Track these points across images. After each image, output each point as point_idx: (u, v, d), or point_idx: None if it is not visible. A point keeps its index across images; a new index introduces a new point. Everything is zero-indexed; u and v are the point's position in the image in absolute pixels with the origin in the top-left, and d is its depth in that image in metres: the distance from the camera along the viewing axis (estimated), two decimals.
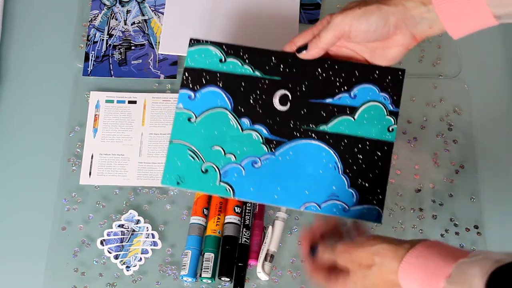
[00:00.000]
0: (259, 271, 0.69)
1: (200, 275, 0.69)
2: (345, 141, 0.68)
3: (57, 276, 0.71)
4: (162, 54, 0.81)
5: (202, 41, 0.69)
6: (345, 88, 0.69)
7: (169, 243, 0.72)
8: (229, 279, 0.70)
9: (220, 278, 0.70)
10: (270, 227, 0.71)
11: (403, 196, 0.75)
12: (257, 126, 0.69)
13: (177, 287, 0.70)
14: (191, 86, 0.69)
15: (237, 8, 0.82)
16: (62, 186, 0.75)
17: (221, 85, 0.69)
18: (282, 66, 0.69)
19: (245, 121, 0.68)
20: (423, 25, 0.63)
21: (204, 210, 0.72)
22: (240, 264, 0.70)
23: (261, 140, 0.68)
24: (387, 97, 0.68)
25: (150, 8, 0.84)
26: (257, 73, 0.69)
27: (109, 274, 0.71)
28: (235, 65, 0.69)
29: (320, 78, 0.69)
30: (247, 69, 0.69)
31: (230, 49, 0.69)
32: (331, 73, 0.69)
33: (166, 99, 0.79)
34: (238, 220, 0.72)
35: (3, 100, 0.80)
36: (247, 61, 0.69)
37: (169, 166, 0.68)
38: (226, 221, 0.72)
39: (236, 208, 0.72)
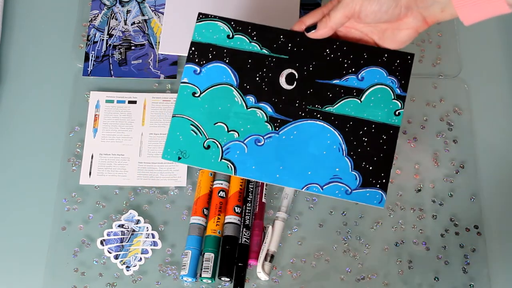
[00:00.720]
0: (259, 271, 0.69)
1: (200, 275, 0.69)
2: (351, 123, 0.68)
3: (57, 276, 0.71)
4: (162, 54, 0.81)
5: (210, 16, 0.69)
6: (353, 70, 0.68)
7: (169, 243, 0.72)
8: (229, 279, 0.70)
9: (220, 278, 0.70)
10: (270, 227, 0.71)
11: (403, 196, 0.75)
12: (262, 104, 0.68)
13: (177, 287, 0.70)
14: (197, 61, 0.69)
15: (237, 10, 0.82)
16: (62, 186, 0.75)
17: (227, 61, 0.68)
18: (290, 45, 0.69)
19: (250, 98, 0.68)
20: (435, 8, 0.62)
21: (204, 210, 0.72)
22: (240, 264, 0.70)
23: (266, 118, 0.68)
24: (395, 80, 0.68)
25: (150, 8, 0.84)
26: (265, 51, 0.69)
27: (109, 274, 0.71)
28: (242, 42, 0.69)
29: (328, 58, 0.68)
30: (254, 46, 0.69)
31: (238, 26, 0.69)
32: (339, 54, 0.68)
33: (166, 99, 0.79)
34: (238, 220, 0.72)
35: (3, 100, 0.80)
36: (255, 38, 0.69)
37: (171, 140, 0.67)
38: (226, 221, 0.72)
39: (236, 208, 0.72)
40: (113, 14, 0.83)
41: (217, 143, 0.67)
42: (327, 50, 0.68)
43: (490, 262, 0.72)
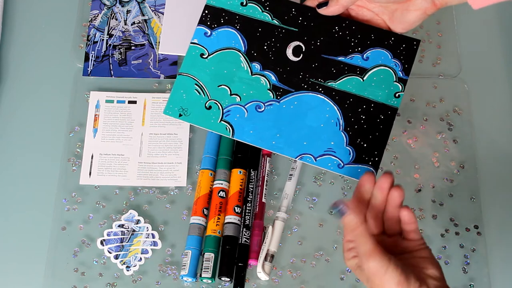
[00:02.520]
0: (259, 271, 0.69)
1: (200, 275, 0.69)
2: (351, 99, 0.69)
3: (57, 276, 0.71)
4: (162, 54, 0.81)
5: None
6: (359, 49, 0.70)
7: (169, 243, 0.72)
8: (229, 279, 0.70)
9: (220, 278, 0.70)
10: (270, 227, 0.71)
11: None
12: (267, 72, 0.70)
13: (177, 287, 0.70)
14: (208, 24, 0.71)
15: None
16: (62, 186, 0.75)
17: (238, 27, 0.70)
18: (300, 19, 0.70)
19: (256, 65, 0.70)
20: None
21: (204, 210, 0.72)
22: (240, 264, 0.70)
23: (268, 86, 0.69)
24: (399, 63, 0.69)
25: (150, 8, 0.84)
26: (275, 22, 0.71)
27: (109, 274, 0.71)
28: (255, 10, 0.71)
29: (336, 35, 0.70)
30: (266, 16, 0.71)
31: None
32: (347, 32, 0.70)
33: (166, 99, 0.79)
34: (238, 220, 0.72)
35: (3, 100, 0.80)
36: (267, 8, 0.71)
37: (174, 97, 0.69)
38: (226, 221, 0.72)
39: (236, 208, 0.72)
40: (113, 14, 0.83)
41: (218, 104, 0.69)
42: (336, 28, 0.70)
43: (490, 262, 0.72)
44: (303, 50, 0.70)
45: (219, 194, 0.72)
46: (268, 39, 0.71)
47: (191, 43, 0.70)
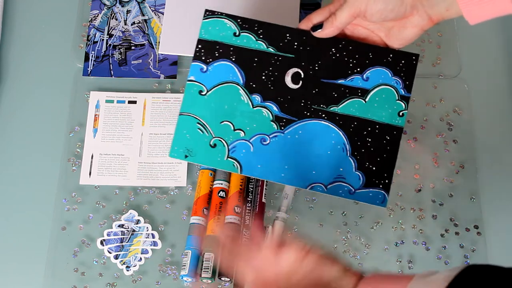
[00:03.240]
0: None
1: (200, 275, 0.69)
2: (355, 123, 0.68)
3: (57, 276, 0.71)
4: (162, 54, 0.81)
5: (217, 13, 0.69)
6: (358, 70, 0.69)
7: (169, 243, 0.72)
8: (229, 279, 0.70)
9: (220, 278, 0.70)
10: (270, 227, 0.71)
11: (403, 196, 0.75)
12: (268, 103, 0.68)
13: (177, 287, 0.70)
14: (203, 59, 0.69)
15: (237, 11, 0.82)
16: (62, 186, 0.75)
17: (234, 60, 0.69)
18: (296, 44, 0.69)
19: (256, 97, 0.68)
20: (440, 7, 0.62)
21: (204, 210, 0.72)
22: None
23: (271, 118, 0.68)
24: (400, 81, 0.68)
25: (150, 8, 0.84)
26: (271, 49, 0.69)
27: (109, 274, 0.71)
28: (249, 40, 0.69)
29: (334, 58, 0.69)
30: (261, 45, 0.69)
31: (245, 23, 0.69)
32: (345, 53, 0.69)
33: (166, 99, 0.79)
34: (238, 220, 0.72)
35: (3, 100, 0.80)
36: (261, 36, 0.69)
37: (178, 138, 0.68)
38: (226, 221, 0.72)
39: (236, 208, 0.72)
40: (113, 14, 0.83)
41: (223, 141, 0.67)
42: (333, 50, 0.69)
43: (490, 262, 0.72)
44: (302, 76, 0.68)
45: (219, 194, 0.72)
46: (266, 69, 0.69)
47: (188, 80, 0.69)
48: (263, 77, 0.68)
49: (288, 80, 0.68)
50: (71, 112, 0.78)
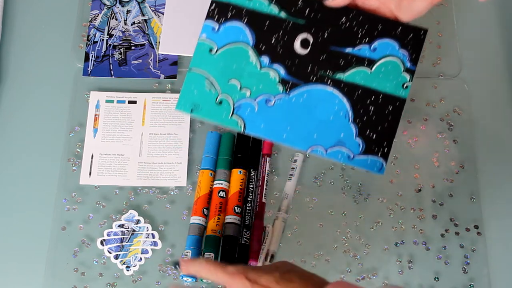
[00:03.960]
0: None
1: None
2: (359, 91, 0.69)
3: (57, 276, 0.71)
4: (162, 54, 0.81)
5: None
6: (367, 40, 0.70)
7: (169, 243, 0.72)
8: None
9: None
10: (270, 227, 0.71)
11: (403, 196, 0.75)
12: (276, 66, 0.70)
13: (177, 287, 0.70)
14: (216, 19, 0.70)
15: None
16: (62, 186, 0.75)
17: (245, 21, 0.70)
18: (308, 10, 0.70)
19: (265, 59, 0.70)
20: None
21: (204, 210, 0.72)
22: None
23: (278, 80, 0.69)
24: (406, 54, 0.70)
25: (150, 8, 0.84)
26: (282, 14, 0.70)
27: (109, 274, 0.71)
28: (261, 4, 0.71)
29: (343, 27, 0.70)
30: (273, 9, 0.70)
31: None
32: (354, 23, 0.70)
33: (166, 99, 0.79)
34: (238, 220, 0.72)
35: (3, 100, 0.80)
36: (274, 1, 0.71)
37: (185, 93, 0.69)
38: (226, 221, 0.72)
39: (236, 208, 0.72)
40: (113, 14, 0.83)
41: (229, 99, 0.69)
42: (343, 19, 0.70)
43: (490, 262, 0.72)
44: (311, 42, 0.70)
45: (219, 194, 0.72)
46: (276, 32, 0.71)
47: (200, 39, 0.71)
48: (273, 41, 0.70)
49: (297, 45, 0.70)
50: (71, 112, 0.78)
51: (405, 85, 0.70)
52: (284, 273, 0.57)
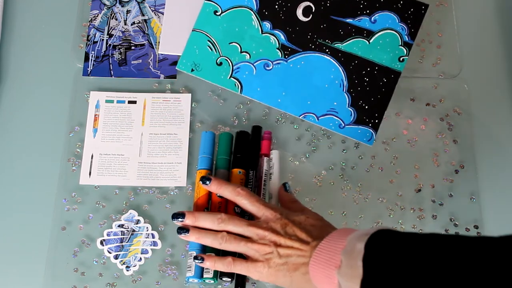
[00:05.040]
0: None
1: (202, 276, 0.69)
2: (356, 61, 0.71)
3: (57, 276, 0.71)
4: (162, 54, 0.81)
5: None
6: (367, 11, 0.72)
7: (169, 243, 0.72)
8: (230, 279, 0.70)
9: (221, 279, 0.70)
10: None
11: (403, 196, 0.75)
12: (277, 31, 0.72)
13: (177, 287, 0.70)
14: None
15: None
16: (62, 186, 0.75)
17: None
18: None
19: (267, 24, 0.72)
20: None
21: (205, 210, 0.72)
22: None
23: (277, 45, 0.72)
24: (405, 28, 0.72)
25: (150, 8, 0.84)
26: None
27: (109, 274, 0.71)
28: None
29: None
30: None
31: None
32: None
33: (166, 99, 0.79)
34: (241, 211, 0.71)
35: (3, 100, 0.80)
36: None
37: (187, 52, 0.72)
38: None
39: (236, 208, 0.72)
40: (113, 14, 0.83)
41: (229, 61, 0.71)
42: None
43: None
44: (313, 10, 0.72)
45: (219, 195, 0.72)
46: None
47: (205, 0, 0.73)
48: (276, 6, 0.72)
49: (299, 12, 0.72)
50: (71, 112, 0.78)
51: (401, 58, 0.71)
52: (311, 214, 0.66)
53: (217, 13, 0.72)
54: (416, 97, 0.79)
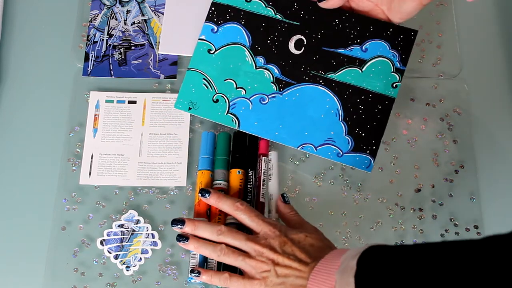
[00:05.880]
0: None
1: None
2: (350, 90, 0.72)
3: (57, 276, 0.71)
4: (162, 54, 0.81)
5: None
6: (358, 41, 0.73)
7: (169, 243, 0.72)
8: None
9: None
10: None
11: (403, 196, 0.75)
12: (270, 66, 0.73)
13: (177, 287, 0.70)
14: (215, 20, 0.74)
15: None
16: (62, 186, 0.75)
17: (243, 23, 0.74)
18: (302, 12, 0.73)
19: (260, 59, 0.73)
20: None
21: (208, 211, 0.72)
22: None
23: (272, 79, 0.73)
24: (396, 54, 0.73)
25: (150, 8, 0.84)
26: (278, 16, 0.74)
27: (109, 274, 0.71)
28: (259, 6, 0.74)
29: (336, 28, 0.73)
30: (269, 11, 0.74)
31: None
32: (347, 25, 0.73)
33: (166, 99, 0.79)
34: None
35: (3, 100, 0.80)
36: (270, 3, 0.74)
37: (184, 91, 0.73)
38: (227, 221, 0.71)
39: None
40: (113, 14, 0.83)
41: (225, 97, 0.72)
42: (336, 20, 0.73)
43: None
44: (305, 43, 0.73)
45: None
46: (271, 34, 0.73)
47: (199, 39, 0.74)
48: (268, 41, 0.73)
49: (291, 45, 0.73)
50: (71, 112, 0.78)
51: (394, 85, 0.72)
52: (310, 233, 0.66)
53: (211, 52, 0.74)
54: (416, 97, 0.79)
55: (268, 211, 0.72)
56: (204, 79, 0.73)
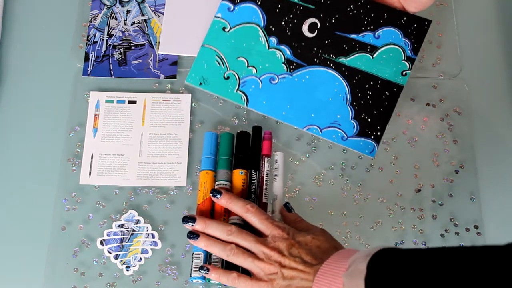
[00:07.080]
0: None
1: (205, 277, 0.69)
2: (359, 76, 0.73)
3: (57, 276, 0.71)
4: (162, 54, 0.81)
5: None
6: (371, 27, 0.74)
7: (169, 243, 0.72)
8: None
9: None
10: None
11: (403, 196, 0.75)
12: (283, 47, 0.74)
13: (177, 287, 0.70)
14: None
15: None
16: (62, 186, 0.75)
17: (259, 3, 0.75)
18: None
19: (273, 39, 0.74)
20: None
21: (211, 211, 0.71)
22: None
23: (283, 60, 0.74)
24: (409, 43, 0.74)
25: (150, 8, 0.84)
26: None
27: (109, 274, 0.71)
28: None
29: (351, 14, 0.74)
30: None
31: None
32: (361, 11, 0.74)
33: (166, 99, 0.79)
34: (242, 220, 0.71)
35: (3, 100, 0.80)
36: None
37: (196, 67, 0.75)
38: (230, 221, 0.71)
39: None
40: (113, 14, 0.83)
41: (236, 75, 0.74)
42: (351, 6, 0.74)
43: None
44: (318, 26, 0.74)
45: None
46: (286, 15, 0.75)
47: (215, 17, 0.75)
48: (283, 23, 0.74)
49: (305, 28, 0.75)
50: (71, 112, 0.78)
51: (404, 73, 0.72)
52: (317, 235, 0.66)
53: (226, 30, 0.75)
54: (416, 97, 0.79)
55: (272, 212, 0.72)
56: (217, 55, 0.74)
